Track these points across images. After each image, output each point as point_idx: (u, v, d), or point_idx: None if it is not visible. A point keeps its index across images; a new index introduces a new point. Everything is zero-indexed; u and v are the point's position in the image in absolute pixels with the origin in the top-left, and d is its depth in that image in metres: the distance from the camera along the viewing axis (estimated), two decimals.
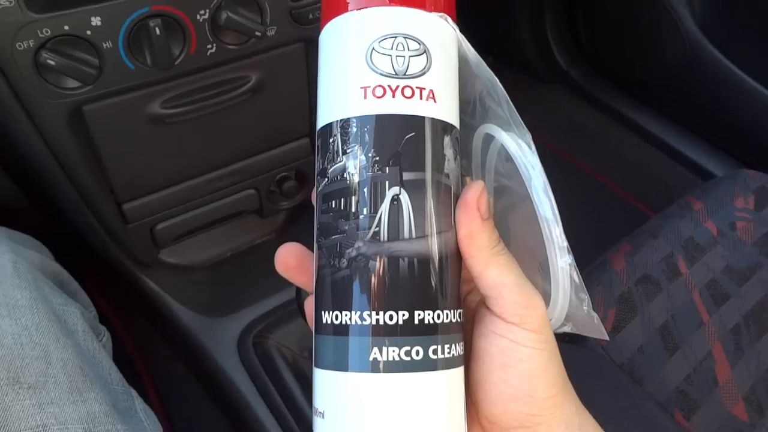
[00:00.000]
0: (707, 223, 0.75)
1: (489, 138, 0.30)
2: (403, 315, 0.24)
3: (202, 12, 0.52)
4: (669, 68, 1.11)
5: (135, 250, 0.66)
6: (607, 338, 0.28)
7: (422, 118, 0.26)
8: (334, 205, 0.26)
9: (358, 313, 0.25)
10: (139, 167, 0.60)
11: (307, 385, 0.61)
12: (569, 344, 0.62)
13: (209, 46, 0.54)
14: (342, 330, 0.25)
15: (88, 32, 0.48)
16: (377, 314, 0.24)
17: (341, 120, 0.26)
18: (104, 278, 0.68)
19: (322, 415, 0.25)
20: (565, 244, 0.27)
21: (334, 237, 0.25)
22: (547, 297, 0.29)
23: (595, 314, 0.29)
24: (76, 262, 0.54)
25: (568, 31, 1.26)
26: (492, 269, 0.25)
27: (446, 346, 0.25)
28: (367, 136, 0.25)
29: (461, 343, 0.27)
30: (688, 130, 1.12)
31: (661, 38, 1.10)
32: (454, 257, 0.26)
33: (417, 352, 0.24)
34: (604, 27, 1.22)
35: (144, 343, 0.75)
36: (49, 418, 0.34)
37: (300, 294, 0.48)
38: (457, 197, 0.26)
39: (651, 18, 1.09)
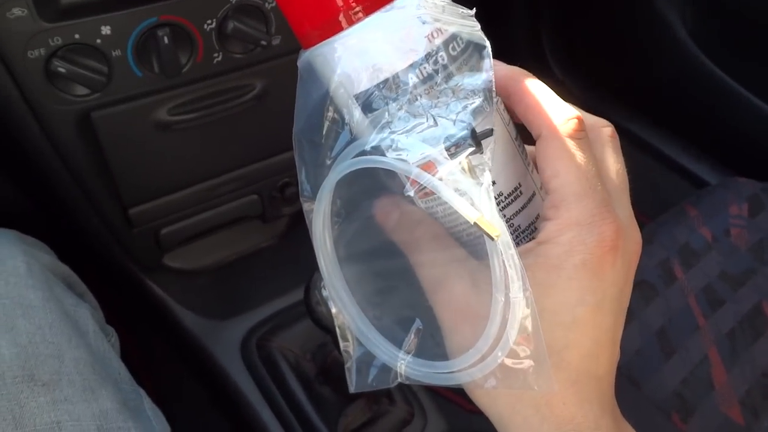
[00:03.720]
0: (702, 229, 0.76)
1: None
2: None
3: (209, 21, 0.53)
4: (661, 77, 1.13)
5: (139, 254, 0.67)
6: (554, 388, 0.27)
7: None
8: None
9: None
10: (145, 172, 0.61)
11: (310, 387, 0.61)
12: None
13: (215, 54, 0.55)
14: None
15: (98, 41, 0.49)
16: None
17: None
18: (108, 282, 0.68)
19: None
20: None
21: None
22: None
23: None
24: (80, 266, 0.55)
25: (563, 41, 1.27)
26: None
27: None
28: None
29: None
30: (681, 139, 1.14)
31: (653, 48, 1.12)
32: None
33: None
34: (597, 37, 1.24)
35: (147, 347, 0.75)
36: (63, 415, 0.35)
37: (309, 293, 0.48)
38: None
39: (643, 28, 1.11)
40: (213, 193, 0.66)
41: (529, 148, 0.31)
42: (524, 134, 0.30)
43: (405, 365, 0.28)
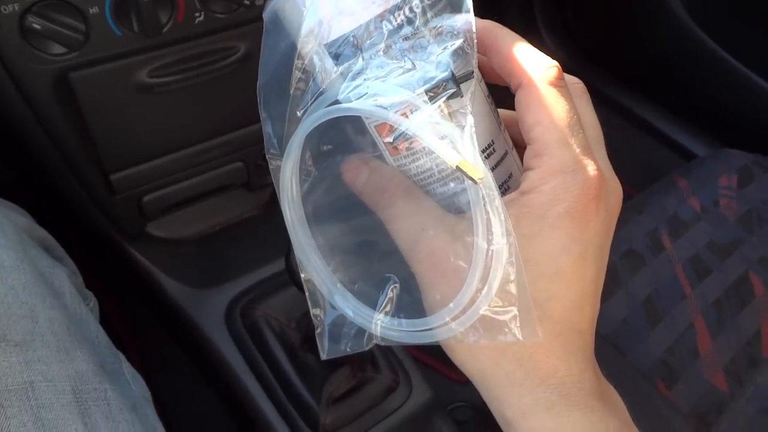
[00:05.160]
0: (691, 200, 0.76)
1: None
2: None
3: None
4: (655, 51, 1.12)
5: (122, 221, 0.66)
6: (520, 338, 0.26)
7: None
8: None
9: None
10: (126, 137, 0.59)
11: (295, 355, 0.61)
12: None
13: (197, 14, 0.54)
14: None
15: None
16: None
17: None
18: (91, 251, 0.67)
19: None
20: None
21: None
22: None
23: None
24: (62, 235, 0.54)
25: (557, 15, 1.26)
26: None
27: None
28: None
29: None
30: (672, 112, 1.13)
31: (647, 21, 1.10)
32: None
33: None
34: (591, 11, 1.22)
35: (131, 316, 0.75)
36: (36, 375, 0.34)
37: (290, 260, 0.48)
38: None
39: (638, 1, 1.10)
40: (197, 160, 0.65)
41: (500, 111, 0.31)
42: (494, 96, 0.30)
43: (381, 326, 0.28)
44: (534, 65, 0.27)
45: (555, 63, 0.27)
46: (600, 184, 0.26)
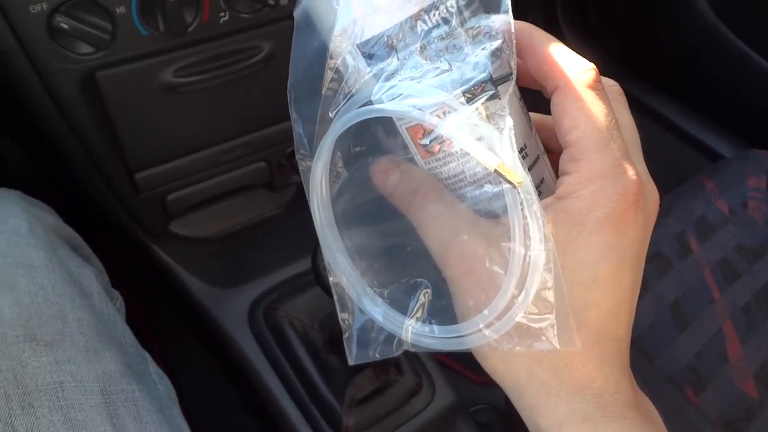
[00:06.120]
0: (718, 202, 0.74)
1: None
2: None
3: None
4: (680, 50, 1.10)
5: (146, 220, 0.66)
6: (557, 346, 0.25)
7: None
8: None
9: None
10: (151, 136, 0.59)
11: (318, 356, 0.61)
12: None
13: (222, 14, 0.54)
14: None
15: None
16: None
17: None
18: (115, 248, 0.68)
19: None
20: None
21: None
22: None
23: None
24: (87, 233, 0.54)
25: (579, 13, 1.24)
26: None
27: None
28: None
29: None
30: (698, 112, 1.11)
31: (671, 20, 1.09)
32: None
33: None
34: (615, 11, 1.21)
35: (153, 314, 0.75)
36: (65, 375, 0.35)
37: (317, 262, 0.47)
38: None
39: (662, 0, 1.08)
40: (220, 159, 0.65)
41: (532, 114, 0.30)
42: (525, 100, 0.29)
43: (412, 332, 0.27)
44: (571, 67, 0.26)
45: (592, 65, 0.27)
46: (639, 190, 0.25)
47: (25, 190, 0.51)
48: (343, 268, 0.28)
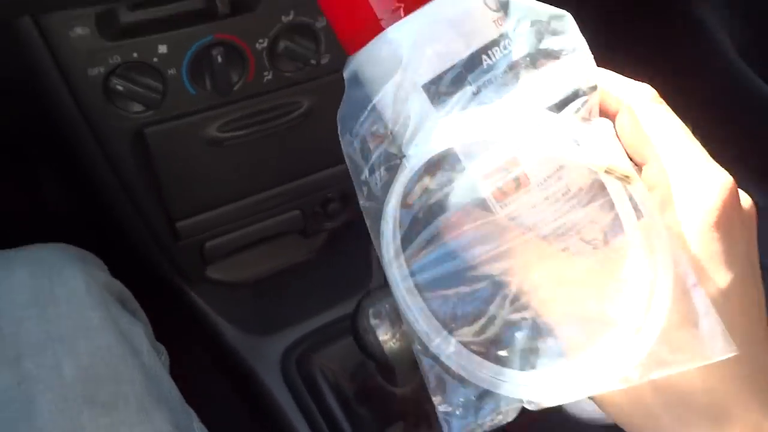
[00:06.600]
0: None
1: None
2: None
3: (261, 41, 0.54)
4: (705, 93, 1.11)
5: (184, 266, 0.68)
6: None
7: None
8: None
9: None
10: (193, 187, 0.61)
11: (348, 406, 0.61)
12: None
13: (266, 73, 0.56)
14: None
15: (155, 59, 0.50)
16: None
17: None
18: (151, 293, 0.69)
19: None
20: None
21: None
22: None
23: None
24: (126, 278, 0.56)
25: (605, 53, 1.26)
26: None
27: None
28: None
29: None
30: (728, 161, 1.11)
31: (696, 62, 1.09)
32: None
33: None
34: (639, 53, 1.22)
35: (186, 360, 0.76)
36: None
37: (357, 320, 0.48)
38: None
39: (689, 46, 1.09)
40: (258, 208, 0.66)
41: None
42: None
43: (528, 388, 0.24)
44: (631, 88, 0.26)
45: (647, 85, 0.26)
46: (736, 190, 0.24)
47: (70, 234, 0.53)
48: (430, 332, 0.25)
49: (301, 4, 0.53)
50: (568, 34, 0.24)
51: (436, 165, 0.24)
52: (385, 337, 0.48)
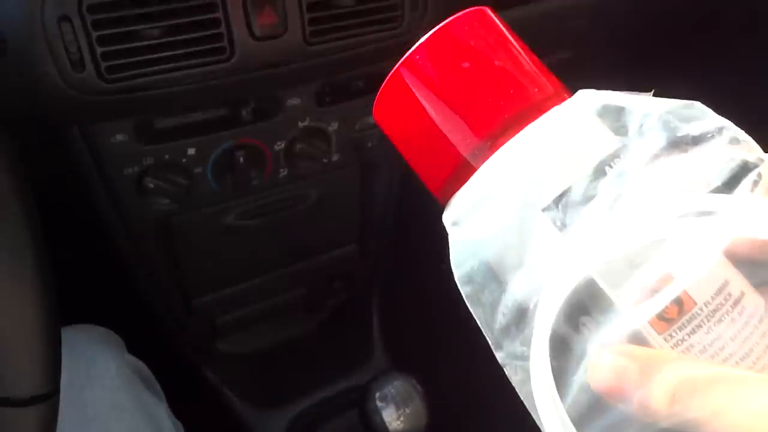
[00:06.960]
0: None
1: None
2: None
3: (279, 143, 0.60)
4: None
5: (195, 339, 0.73)
6: None
7: None
8: None
9: None
10: (209, 267, 0.67)
11: None
12: None
13: (282, 170, 0.62)
14: None
15: (184, 160, 0.56)
16: None
17: None
18: (164, 367, 0.74)
19: None
20: None
21: None
22: None
23: None
24: (139, 350, 0.60)
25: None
26: None
27: None
28: None
29: None
30: None
31: None
32: None
33: None
34: None
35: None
36: None
37: (366, 402, 0.52)
38: None
39: None
40: (267, 286, 0.72)
41: None
42: None
43: None
44: None
45: None
46: None
47: (92, 313, 0.58)
48: None
49: (315, 111, 0.60)
50: (707, 118, 0.20)
51: (572, 306, 0.20)
52: (391, 419, 0.53)
